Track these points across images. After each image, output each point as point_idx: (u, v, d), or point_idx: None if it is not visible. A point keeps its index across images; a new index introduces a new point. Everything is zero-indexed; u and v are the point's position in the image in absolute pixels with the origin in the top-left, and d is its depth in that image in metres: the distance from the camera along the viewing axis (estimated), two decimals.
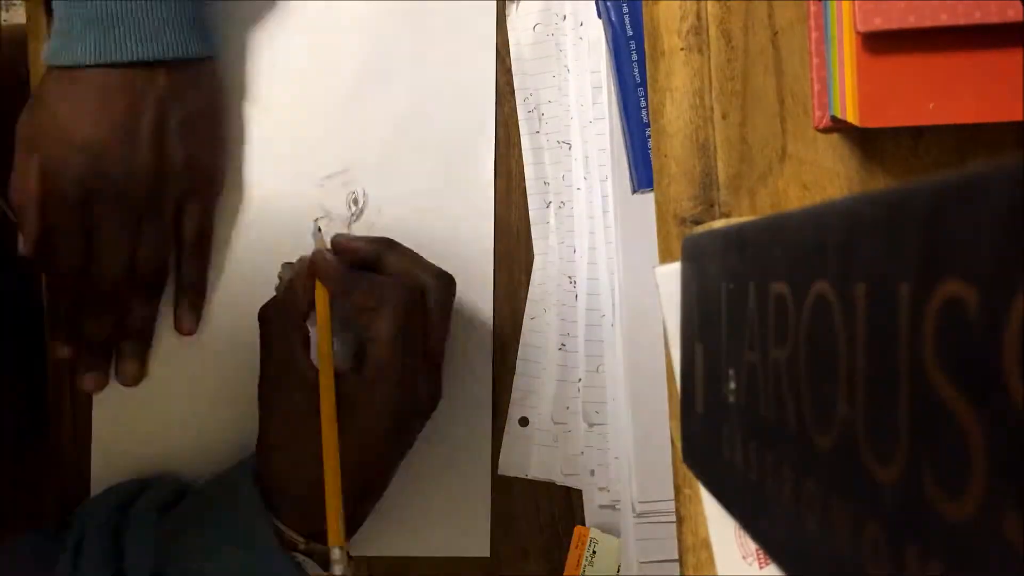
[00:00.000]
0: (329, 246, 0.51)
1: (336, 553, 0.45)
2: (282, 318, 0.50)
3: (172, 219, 0.52)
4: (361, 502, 0.49)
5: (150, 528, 0.49)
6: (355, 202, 0.56)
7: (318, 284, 0.50)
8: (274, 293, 0.53)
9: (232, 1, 0.57)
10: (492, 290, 0.57)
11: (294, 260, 0.53)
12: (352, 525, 0.49)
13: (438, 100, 0.57)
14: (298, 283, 0.50)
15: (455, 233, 0.57)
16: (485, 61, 0.57)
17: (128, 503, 0.51)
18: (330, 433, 0.47)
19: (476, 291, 0.56)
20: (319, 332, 0.49)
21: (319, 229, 0.53)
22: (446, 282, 0.51)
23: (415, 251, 0.51)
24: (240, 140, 0.57)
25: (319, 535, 0.47)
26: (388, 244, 0.51)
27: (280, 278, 0.53)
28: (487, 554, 0.56)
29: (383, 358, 0.47)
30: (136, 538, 0.49)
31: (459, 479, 0.57)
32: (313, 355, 0.50)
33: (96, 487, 0.55)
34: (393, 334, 0.47)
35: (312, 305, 0.50)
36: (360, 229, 0.56)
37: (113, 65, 0.48)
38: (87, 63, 0.48)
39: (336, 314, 0.50)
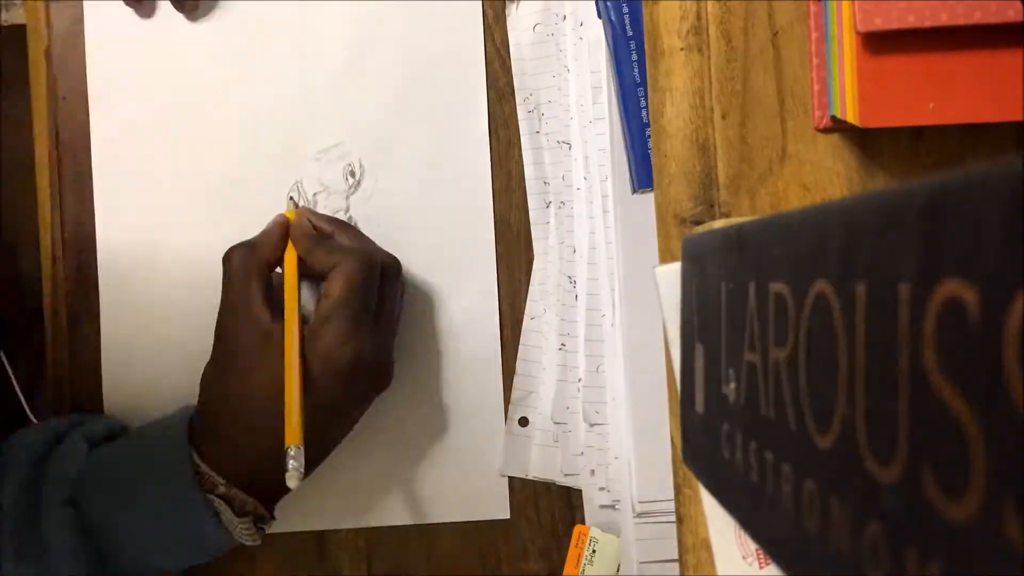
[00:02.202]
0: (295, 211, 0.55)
1: (292, 450, 0.45)
2: (246, 261, 0.51)
3: None
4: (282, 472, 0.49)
5: (77, 457, 0.49)
6: (352, 174, 0.57)
7: (290, 243, 0.52)
8: None
9: None
10: (494, 247, 0.57)
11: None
12: (275, 491, 0.50)
13: (430, 69, 0.58)
14: (269, 237, 0.52)
15: (453, 199, 0.57)
16: (473, 28, 0.58)
17: (62, 436, 0.51)
18: (292, 340, 0.48)
19: (475, 255, 0.57)
20: (287, 283, 0.51)
21: (293, 200, 0.56)
22: (394, 263, 0.53)
23: (363, 233, 0.55)
24: (240, 111, 0.57)
25: (240, 483, 0.48)
26: (342, 224, 0.54)
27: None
28: (507, 516, 0.56)
29: (330, 311, 0.48)
30: (59, 463, 0.49)
31: (475, 447, 0.57)
32: (278, 299, 0.51)
33: None
34: (343, 291, 0.48)
35: (278, 259, 0.52)
36: (358, 200, 0.57)
37: None
38: None
39: (300, 273, 0.52)
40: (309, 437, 0.47)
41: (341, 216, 0.57)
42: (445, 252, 0.57)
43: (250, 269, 0.50)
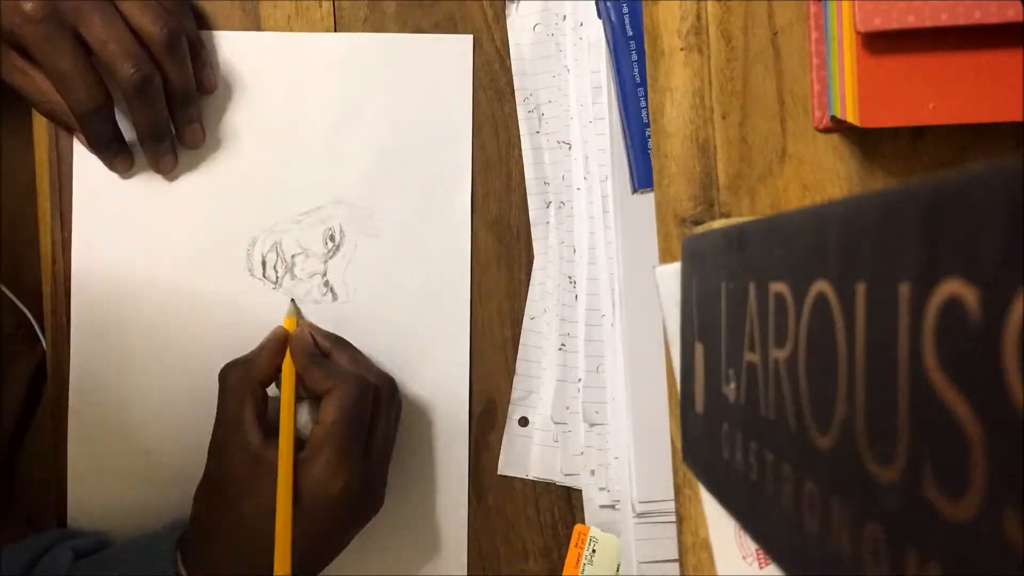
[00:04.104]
0: (296, 322, 0.54)
1: None
2: (241, 380, 0.50)
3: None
4: None
5: (63, 564, 0.49)
6: (331, 239, 0.57)
7: (287, 359, 0.52)
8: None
9: (215, 35, 0.56)
10: (469, 330, 0.57)
11: (270, 290, 0.55)
12: None
13: (416, 138, 0.57)
14: (267, 351, 0.52)
15: (430, 271, 0.57)
16: (462, 97, 0.57)
17: (51, 547, 0.51)
18: (286, 467, 0.47)
19: (449, 330, 0.57)
20: (283, 404, 0.50)
21: (295, 305, 0.56)
22: (390, 385, 0.53)
23: (361, 351, 0.54)
24: (224, 168, 0.57)
25: None
26: (340, 342, 0.53)
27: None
28: (464, 573, 0.56)
29: (322, 440, 0.48)
30: (46, 570, 0.49)
31: (437, 497, 0.57)
32: (272, 419, 0.50)
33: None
34: (334, 420, 0.48)
35: (273, 375, 0.51)
36: (336, 265, 0.56)
37: None
38: None
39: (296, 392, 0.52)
40: (299, 562, 0.47)
41: (317, 280, 0.56)
42: (417, 324, 0.57)
43: (244, 388, 0.50)
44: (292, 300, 0.56)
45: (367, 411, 0.50)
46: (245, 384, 0.50)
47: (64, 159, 0.56)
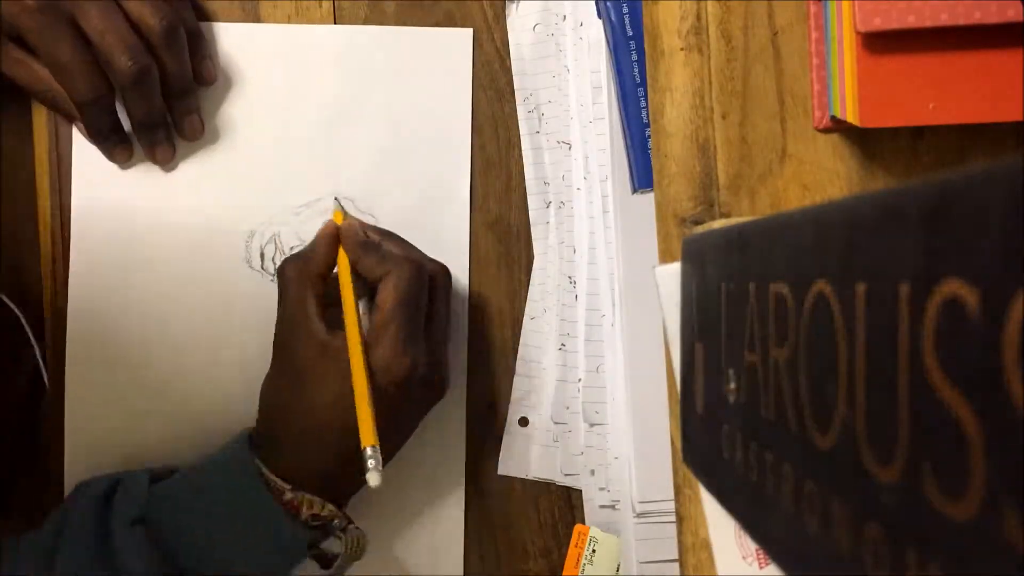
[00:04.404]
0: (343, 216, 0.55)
1: (370, 451, 0.45)
2: (299, 274, 0.51)
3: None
4: (351, 473, 0.48)
5: (141, 484, 0.50)
6: None
7: (341, 250, 0.52)
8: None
9: (213, 26, 0.56)
10: (467, 321, 0.57)
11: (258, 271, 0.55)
12: (343, 493, 0.50)
13: (415, 131, 0.57)
14: (321, 243, 0.52)
15: None
16: (461, 91, 0.57)
17: (123, 478, 0.52)
18: (356, 347, 0.48)
19: (451, 321, 0.56)
20: (343, 290, 0.51)
21: (339, 203, 0.56)
22: (444, 270, 0.53)
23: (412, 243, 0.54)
24: (222, 159, 0.56)
25: (304, 488, 0.49)
26: (390, 234, 0.54)
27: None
28: (460, 573, 0.56)
29: (385, 321, 0.48)
30: (124, 493, 0.50)
31: (433, 497, 0.57)
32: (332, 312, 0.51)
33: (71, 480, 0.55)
34: (395, 301, 0.48)
35: (330, 267, 0.52)
36: None
37: None
38: None
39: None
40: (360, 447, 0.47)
41: None
42: None
43: (304, 282, 0.50)
44: (336, 198, 0.56)
45: (424, 293, 0.50)
46: (304, 277, 0.51)
47: (64, 159, 0.56)
